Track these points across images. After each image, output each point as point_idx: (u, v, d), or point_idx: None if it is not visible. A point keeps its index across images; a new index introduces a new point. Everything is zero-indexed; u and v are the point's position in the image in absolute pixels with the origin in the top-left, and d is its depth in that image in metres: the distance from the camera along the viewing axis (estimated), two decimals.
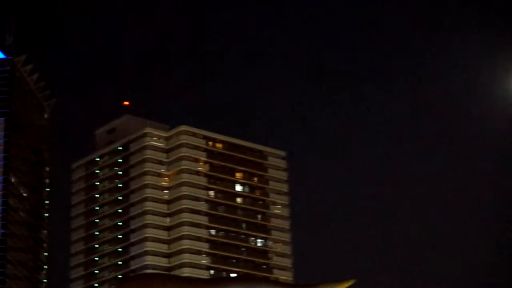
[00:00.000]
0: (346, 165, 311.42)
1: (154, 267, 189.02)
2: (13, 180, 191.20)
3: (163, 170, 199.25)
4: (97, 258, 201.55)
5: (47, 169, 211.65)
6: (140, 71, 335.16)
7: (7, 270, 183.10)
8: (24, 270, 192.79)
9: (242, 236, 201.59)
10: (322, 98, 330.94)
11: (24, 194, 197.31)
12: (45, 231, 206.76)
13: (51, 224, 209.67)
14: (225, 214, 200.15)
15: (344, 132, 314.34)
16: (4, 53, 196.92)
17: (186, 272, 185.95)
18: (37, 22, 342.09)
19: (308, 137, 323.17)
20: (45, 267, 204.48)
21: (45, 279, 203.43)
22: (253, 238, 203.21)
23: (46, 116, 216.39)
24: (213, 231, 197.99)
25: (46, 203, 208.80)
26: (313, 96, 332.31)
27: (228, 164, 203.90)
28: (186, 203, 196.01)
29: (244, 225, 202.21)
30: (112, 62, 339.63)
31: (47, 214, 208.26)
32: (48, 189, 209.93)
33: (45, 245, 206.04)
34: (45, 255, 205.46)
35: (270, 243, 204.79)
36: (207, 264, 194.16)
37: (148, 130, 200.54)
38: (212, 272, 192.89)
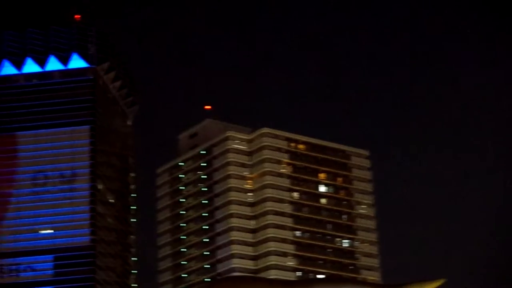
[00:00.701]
0: (430, 162, 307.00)
1: (241, 269, 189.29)
2: (100, 187, 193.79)
3: (246, 172, 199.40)
4: (184, 262, 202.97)
5: (133, 175, 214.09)
6: (220, 75, 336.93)
7: (97, 275, 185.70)
8: (113, 275, 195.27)
9: (328, 237, 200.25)
10: (404, 95, 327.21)
11: (111, 201, 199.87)
12: (132, 236, 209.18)
13: (138, 229, 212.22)
14: (309, 215, 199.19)
15: (428, 129, 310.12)
16: (87, 62, 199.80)
17: (273, 274, 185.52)
18: (118, 30, 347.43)
19: (392, 135, 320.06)
20: (134, 271, 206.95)
21: (134, 284, 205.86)
22: (339, 239, 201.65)
23: (129, 122, 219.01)
24: (298, 233, 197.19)
25: (133, 209, 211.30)
26: (394, 93, 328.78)
27: (311, 165, 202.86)
28: (270, 205, 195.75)
29: (329, 226, 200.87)
30: (193, 67, 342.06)
31: (134, 220, 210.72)
32: (134, 195, 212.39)
33: (133, 250, 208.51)
34: (133, 260, 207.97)
35: (356, 243, 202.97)
36: (294, 265, 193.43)
37: (230, 133, 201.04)
38: (298, 273, 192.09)
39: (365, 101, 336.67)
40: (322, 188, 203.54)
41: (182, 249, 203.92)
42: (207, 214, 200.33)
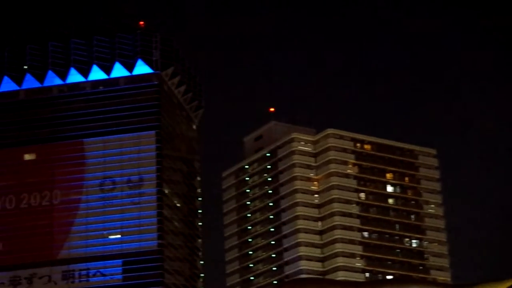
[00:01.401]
0: (498, 159, 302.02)
1: (309, 271, 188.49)
2: (166, 191, 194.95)
3: (312, 174, 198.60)
4: (251, 265, 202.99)
5: (199, 179, 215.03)
6: (284, 77, 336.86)
7: (165, 279, 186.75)
8: (181, 278, 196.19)
9: (396, 237, 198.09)
10: (472, 94, 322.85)
11: (178, 205, 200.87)
12: (199, 240, 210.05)
13: (205, 232, 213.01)
14: (377, 216, 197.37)
15: (495, 126, 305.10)
16: (151, 68, 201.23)
17: (341, 275, 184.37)
18: (182, 34, 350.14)
19: (459, 133, 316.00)
20: (202, 275, 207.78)
21: (202, 287, 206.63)
22: (407, 239, 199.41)
23: (194, 127, 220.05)
24: (366, 234, 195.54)
25: (199, 212, 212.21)
26: (460, 91, 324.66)
27: (377, 165, 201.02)
28: (337, 207, 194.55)
29: (397, 226, 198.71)
30: (256, 70, 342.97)
31: (200, 223, 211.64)
32: (200, 199, 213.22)
33: (200, 253, 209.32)
34: (201, 263, 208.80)
35: (425, 243, 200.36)
36: (362, 267, 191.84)
37: (295, 135, 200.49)
38: (367, 274, 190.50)
39: (430, 100, 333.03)
40: (390, 188, 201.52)
41: (249, 252, 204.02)
42: (273, 217, 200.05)
